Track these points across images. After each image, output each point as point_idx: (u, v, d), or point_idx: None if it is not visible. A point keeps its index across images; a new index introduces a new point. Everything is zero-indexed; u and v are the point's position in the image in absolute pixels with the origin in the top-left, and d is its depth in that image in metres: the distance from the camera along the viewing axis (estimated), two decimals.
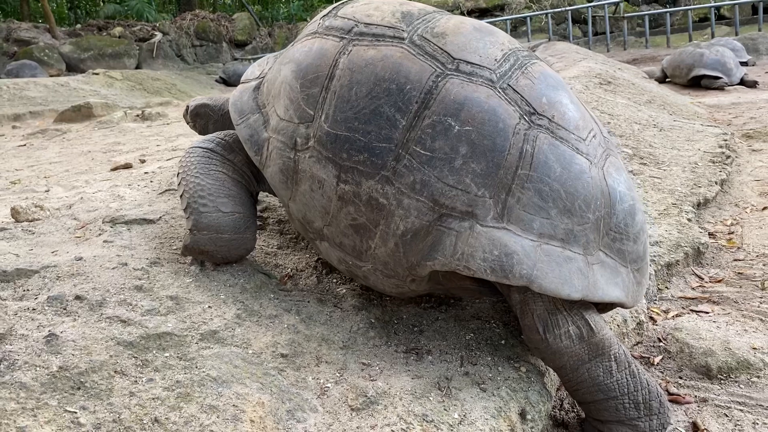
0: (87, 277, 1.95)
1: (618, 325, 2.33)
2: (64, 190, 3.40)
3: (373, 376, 1.83)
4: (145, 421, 1.49)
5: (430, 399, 1.75)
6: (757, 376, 2.14)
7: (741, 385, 2.12)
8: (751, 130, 6.13)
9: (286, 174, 1.97)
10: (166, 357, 1.69)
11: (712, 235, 3.45)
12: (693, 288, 2.89)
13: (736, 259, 3.15)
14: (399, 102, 1.78)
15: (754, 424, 1.94)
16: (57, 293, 1.84)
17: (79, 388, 1.53)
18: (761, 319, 2.47)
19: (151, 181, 3.00)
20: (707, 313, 2.62)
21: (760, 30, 15.51)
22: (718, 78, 9.60)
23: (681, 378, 2.22)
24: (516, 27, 20.04)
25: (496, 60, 1.84)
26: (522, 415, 1.79)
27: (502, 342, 2.07)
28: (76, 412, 1.47)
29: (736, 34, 15.21)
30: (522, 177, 1.71)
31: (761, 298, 2.68)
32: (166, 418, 1.51)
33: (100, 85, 11.85)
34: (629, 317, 2.39)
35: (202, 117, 2.74)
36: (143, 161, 4.07)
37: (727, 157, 4.67)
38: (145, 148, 4.84)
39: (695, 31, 17.04)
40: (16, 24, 18.62)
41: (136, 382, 1.59)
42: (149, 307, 1.85)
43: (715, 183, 4.07)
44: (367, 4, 2.04)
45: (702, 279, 2.97)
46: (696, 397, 2.10)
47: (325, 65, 1.92)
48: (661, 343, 2.41)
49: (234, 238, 2.10)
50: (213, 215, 2.07)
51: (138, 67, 17.82)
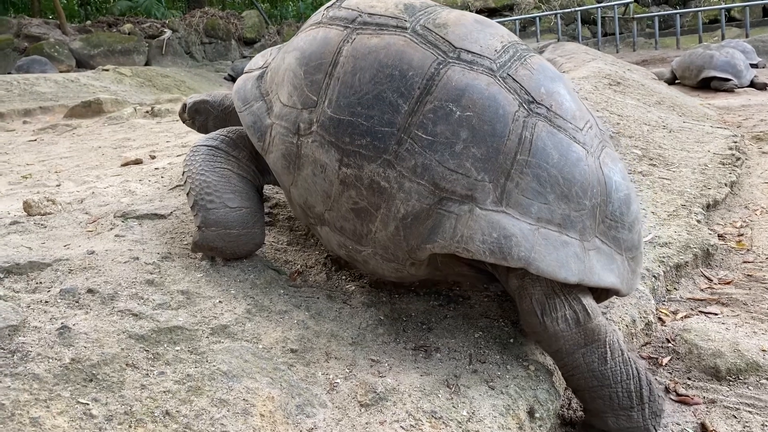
0: (99, 270, 1.96)
1: (627, 326, 2.33)
2: (75, 184, 3.42)
3: (382, 373, 1.83)
4: (156, 414, 1.50)
5: (439, 396, 1.75)
6: (767, 378, 2.14)
7: (750, 387, 2.12)
8: (761, 132, 6.10)
9: (289, 159, 2.00)
10: (177, 351, 1.70)
11: (721, 236, 3.44)
12: (702, 289, 2.88)
13: (745, 261, 3.14)
14: (401, 87, 1.82)
15: (763, 425, 1.94)
16: (69, 286, 1.86)
17: (91, 380, 1.54)
18: None
19: (162, 177, 3.02)
20: (716, 314, 2.61)
21: None
22: (728, 80, 9.55)
23: (689, 379, 2.22)
24: (525, 27, 20.00)
25: (496, 51, 1.89)
26: (530, 413, 1.80)
27: (511, 341, 2.07)
28: (88, 404, 1.49)
29: (747, 36, 15.13)
30: (521, 162, 1.75)
31: None
32: (177, 411, 1.52)
33: (109, 81, 11.90)
34: (638, 317, 2.39)
35: (202, 113, 2.77)
36: (153, 157, 4.09)
37: (737, 159, 4.65)
38: (154, 144, 4.86)
39: (705, 32, 16.95)
40: (27, 20, 18.72)
41: (147, 375, 1.60)
42: (160, 301, 1.87)
43: (725, 185, 4.05)
44: None
45: (711, 281, 2.96)
46: (704, 398, 2.10)
47: (329, 53, 1.96)
48: (669, 344, 2.41)
49: (242, 233, 2.12)
50: (220, 211, 2.09)
51: (147, 63, 17.88)
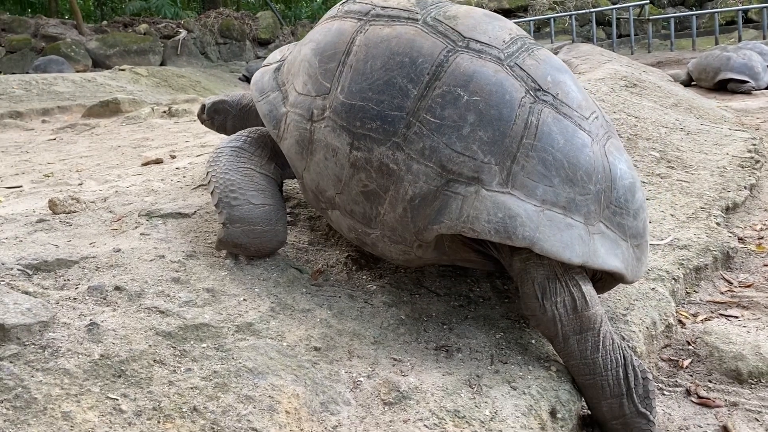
0: (125, 268, 1.99)
1: (647, 327, 2.32)
2: (97, 183, 3.46)
3: (405, 372, 1.85)
4: (184, 410, 1.52)
5: (461, 395, 1.76)
6: None
7: None
8: None
9: (302, 145, 2.07)
10: (204, 347, 1.73)
11: (741, 239, 3.42)
12: (722, 292, 2.87)
13: (765, 264, 3.12)
14: (411, 74, 1.89)
15: None
16: (97, 283, 1.89)
17: (120, 376, 1.57)
18: None
19: (184, 176, 3.05)
20: (737, 317, 2.60)
21: None
22: (745, 82, 9.48)
23: (710, 382, 2.21)
24: (539, 28, 19.93)
25: (504, 42, 1.96)
26: (552, 413, 1.80)
27: (532, 342, 2.08)
28: (117, 399, 1.51)
29: (764, 38, 14.99)
30: (527, 146, 1.81)
31: None
32: (204, 407, 1.54)
33: (126, 81, 11.98)
34: (658, 320, 2.39)
35: (221, 113, 2.84)
36: (173, 157, 4.13)
37: (756, 161, 4.62)
38: (173, 144, 4.90)
39: (722, 34, 16.81)
40: (44, 20, 18.89)
41: (174, 371, 1.63)
42: (186, 299, 1.89)
43: (744, 187, 4.03)
44: None
45: (731, 283, 2.95)
46: (726, 401, 2.10)
47: (342, 42, 2.04)
48: (690, 347, 2.41)
49: (266, 229, 2.15)
50: (245, 208, 2.12)
51: (162, 63, 17.99)
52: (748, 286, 2.90)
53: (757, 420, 1.98)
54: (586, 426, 1.97)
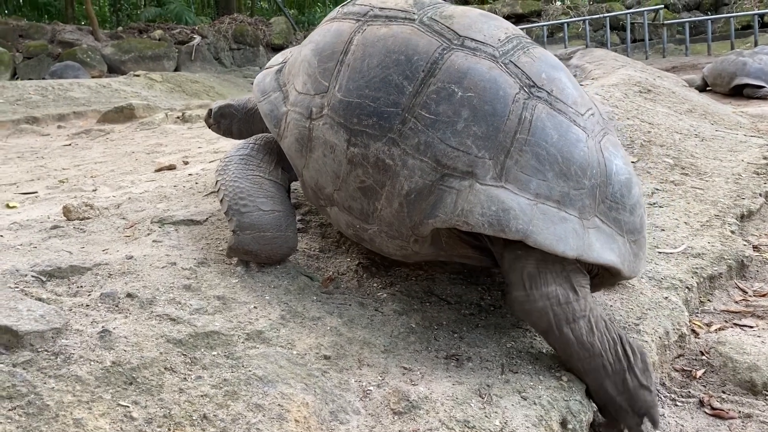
0: (137, 275, 2.01)
1: (660, 337, 2.30)
2: (111, 189, 3.49)
3: (415, 381, 1.84)
4: (194, 418, 1.53)
5: (471, 405, 1.75)
6: None
7: None
8: None
9: (301, 142, 2.10)
10: (214, 355, 1.73)
11: (756, 248, 3.38)
12: (736, 301, 2.84)
13: None
14: (407, 71, 1.92)
15: None
16: (109, 290, 1.90)
17: (131, 383, 1.58)
18: None
19: (196, 183, 3.07)
20: (751, 327, 2.57)
21: None
22: (761, 87, 9.38)
23: (724, 393, 2.19)
24: (553, 33, 19.89)
25: (499, 40, 1.99)
26: (563, 424, 1.79)
27: (543, 351, 2.07)
28: (128, 407, 1.52)
29: None
30: (520, 141, 1.83)
31: None
32: (214, 415, 1.55)
33: (140, 86, 12.10)
34: (671, 329, 2.37)
35: (227, 117, 2.88)
36: (186, 163, 4.15)
37: None
38: (186, 150, 4.94)
39: (737, 38, 16.69)
40: (60, 26, 19.11)
41: (185, 379, 1.63)
42: (197, 306, 1.90)
43: (760, 195, 3.98)
44: None
45: (746, 293, 2.92)
46: (740, 412, 2.07)
47: (341, 42, 2.09)
48: (703, 357, 2.38)
49: (276, 236, 2.16)
50: (254, 214, 2.14)
51: (177, 69, 18.13)
52: (763, 296, 2.87)
53: None
54: None
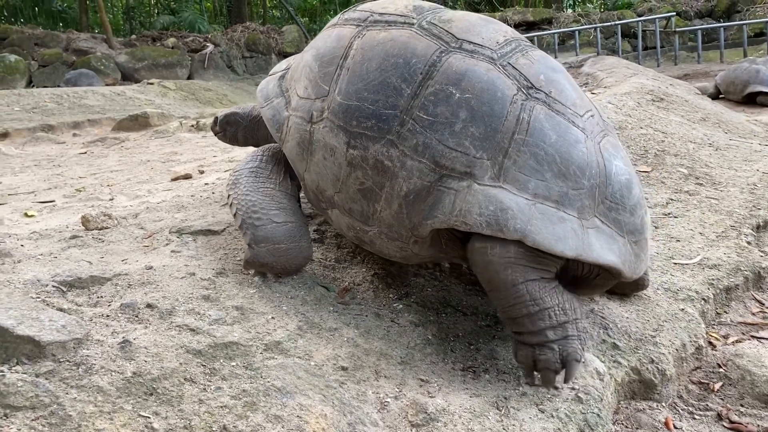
0: (157, 285, 2.03)
1: (677, 350, 2.29)
2: (128, 198, 3.53)
3: (432, 393, 1.85)
4: (214, 429, 1.54)
5: (489, 418, 1.76)
6: None
7: None
8: None
9: (303, 146, 2.14)
10: (233, 366, 1.75)
11: None
12: (753, 313, 2.82)
13: None
14: (405, 73, 1.95)
15: None
16: (129, 301, 1.92)
17: (151, 394, 1.60)
18: None
19: (213, 192, 3.09)
20: None
21: None
22: None
23: (742, 406, 2.17)
24: (564, 41, 19.86)
25: (498, 43, 2.00)
26: None
27: None
28: (149, 417, 1.53)
29: None
30: (518, 141, 1.84)
31: None
32: (234, 427, 1.56)
33: (154, 94, 12.20)
34: (688, 341, 2.36)
35: (233, 124, 2.93)
36: (202, 172, 4.18)
37: None
38: (202, 159, 4.97)
39: (750, 46, 16.57)
40: (75, 34, 19.31)
41: (204, 389, 1.65)
42: (216, 317, 1.92)
43: None
44: (385, 0, 2.25)
45: (763, 304, 2.90)
46: (759, 426, 2.06)
47: (341, 47, 2.12)
48: (721, 369, 2.37)
49: (291, 247, 2.18)
50: (268, 227, 2.16)
51: (190, 77, 18.26)
52: None
53: None
54: None
